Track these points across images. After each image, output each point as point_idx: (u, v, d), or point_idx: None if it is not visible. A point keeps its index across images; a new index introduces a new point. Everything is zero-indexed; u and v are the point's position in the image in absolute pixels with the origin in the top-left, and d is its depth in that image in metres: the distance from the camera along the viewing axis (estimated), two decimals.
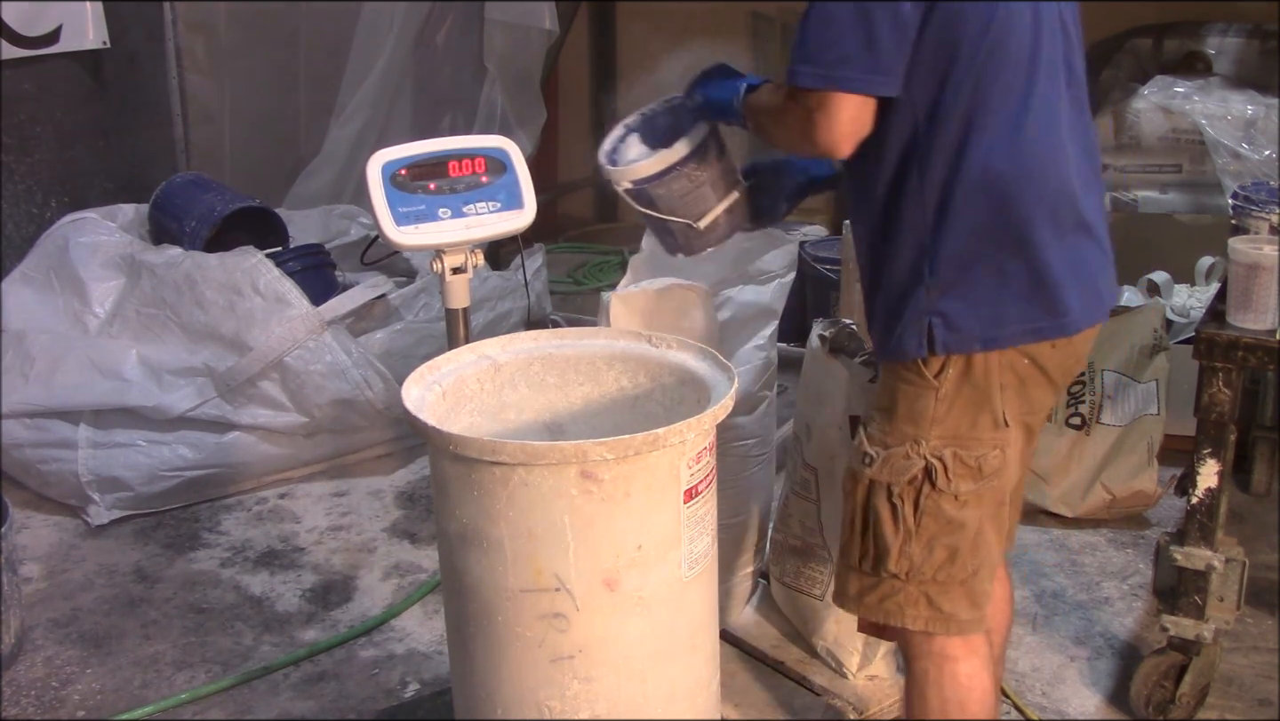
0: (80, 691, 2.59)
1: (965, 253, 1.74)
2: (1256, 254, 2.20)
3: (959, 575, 1.84)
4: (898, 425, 1.82)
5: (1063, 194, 1.77)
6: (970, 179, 1.72)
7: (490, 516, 1.69)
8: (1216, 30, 4.38)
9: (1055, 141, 1.77)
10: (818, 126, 1.69)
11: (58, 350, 3.33)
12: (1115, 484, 3.11)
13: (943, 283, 1.74)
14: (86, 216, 3.68)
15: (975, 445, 1.80)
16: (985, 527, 1.84)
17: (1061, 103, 1.79)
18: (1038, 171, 1.74)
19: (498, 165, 2.16)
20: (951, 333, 1.75)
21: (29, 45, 3.86)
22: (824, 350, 2.34)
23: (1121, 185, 4.17)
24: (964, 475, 1.80)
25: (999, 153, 1.71)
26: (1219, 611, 2.39)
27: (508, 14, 4.62)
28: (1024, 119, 1.73)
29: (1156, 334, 3.23)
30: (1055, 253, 1.75)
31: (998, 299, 1.75)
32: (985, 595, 1.88)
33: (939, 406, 1.78)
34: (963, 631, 1.87)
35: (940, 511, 1.81)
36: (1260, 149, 3.88)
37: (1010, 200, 1.72)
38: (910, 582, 1.85)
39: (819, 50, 1.68)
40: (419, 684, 2.59)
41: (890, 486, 1.82)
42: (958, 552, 1.83)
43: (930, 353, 1.76)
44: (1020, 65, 1.73)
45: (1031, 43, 1.74)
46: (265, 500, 3.39)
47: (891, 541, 1.83)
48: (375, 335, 3.53)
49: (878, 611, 1.89)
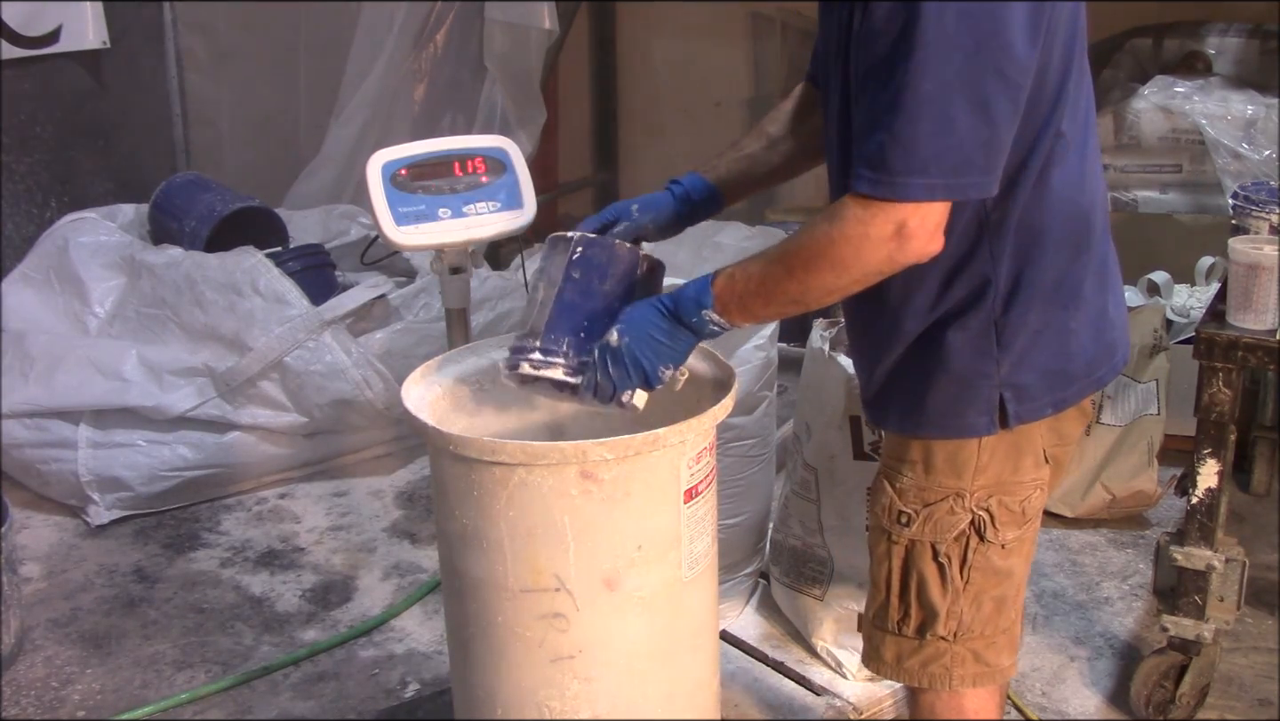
0: (80, 691, 2.59)
1: (1033, 320, 1.59)
2: (1256, 254, 2.20)
3: (1004, 624, 1.74)
4: (936, 479, 1.67)
5: (1099, 237, 1.66)
6: (1027, 240, 1.56)
7: (490, 516, 1.69)
8: (1216, 30, 4.38)
9: (1093, 189, 1.63)
10: (913, 237, 1.44)
11: (58, 350, 3.33)
12: (1115, 484, 3.11)
13: (1014, 356, 1.60)
14: (86, 216, 3.68)
15: (1019, 489, 1.68)
16: (1025, 571, 1.76)
17: (1093, 135, 1.65)
18: (1084, 222, 1.61)
19: (498, 165, 2.16)
20: (1024, 404, 1.62)
21: (29, 45, 3.86)
22: (824, 350, 2.34)
23: (1121, 185, 4.17)
24: (1010, 522, 1.68)
25: (1073, 187, 1.56)
26: (1219, 611, 2.39)
27: (508, 14, 4.62)
28: (1085, 148, 1.60)
29: (1156, 334, 3.23)
30: (1100, 302, 1.67)
31: (1066, 358, 1.64)
32: (1018, 634, 1.79)
33: (983, 455, 1.65)
34: (1005, 678, 1.78)
35: (989, 564, 1.69)
36: (1260, 149, 3.88)
37: (1081, 243, 1.60)
38: (958, 643, 1.73)
39: (936, 157, 1.40)
40: (419, 684, 2.59)
41: (935, 545, 1.68)
42: (1005, 602, 1.73)
43: (1003, 428, 1.62)
44: (1082, 85, 1.58)
45: (1078, 54, 1.57)
46: (265, 500, 3.39)
47: (940, 603, 1.70)
48: (375, 335, 3.53)
49: (921, 676, 1.76)
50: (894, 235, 1.44)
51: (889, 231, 1.44)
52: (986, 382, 1.60)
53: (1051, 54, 1.49)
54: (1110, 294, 1.72)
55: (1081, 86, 1.59)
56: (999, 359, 1.60)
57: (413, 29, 4.70)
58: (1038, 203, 1.55)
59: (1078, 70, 1.57)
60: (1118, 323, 1.73)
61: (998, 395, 1.61)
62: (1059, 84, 1.52)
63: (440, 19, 4.72)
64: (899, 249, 1.45)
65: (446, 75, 4.80)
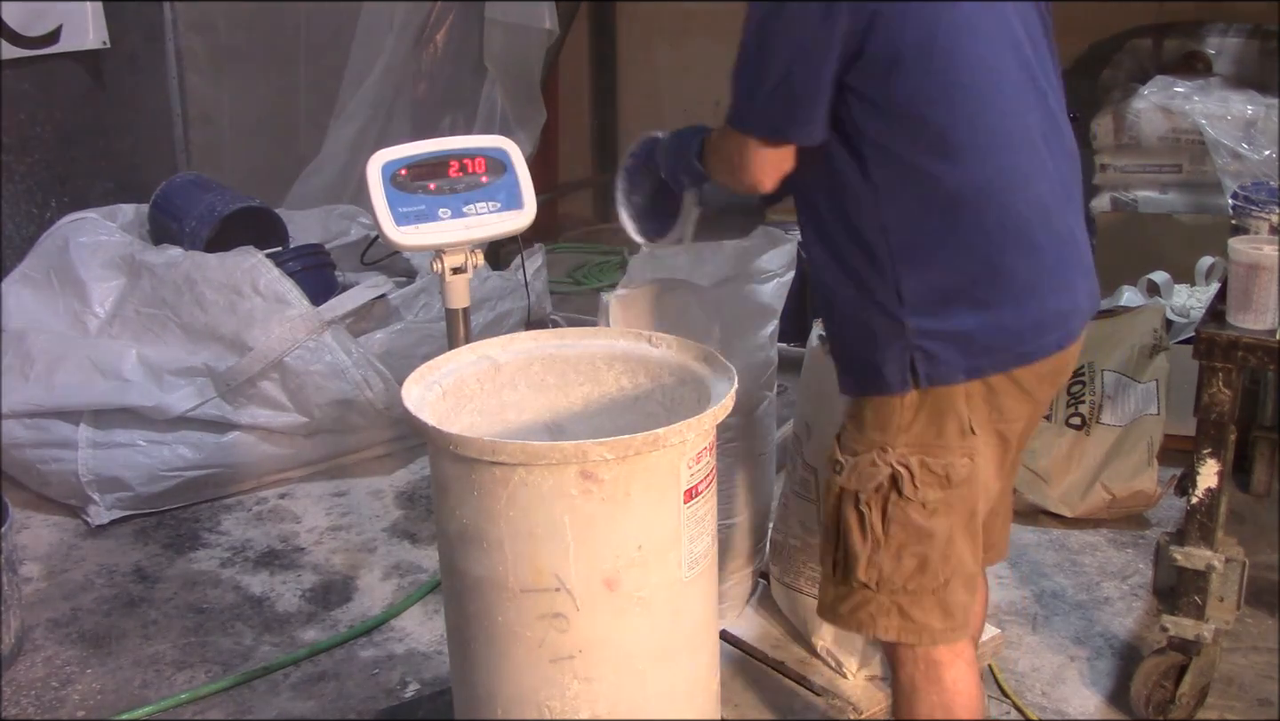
0: (80, 691, 2.59)
1: (939, 286, 1.72)
2: (1256, 254, 2.20)
3: (930, 585, 1.82)
4: (866, 433, 1.81)
5: (1037, 210, 1.74)
6: (931, 211, 1.71)
7: (490, 516, 1.69)
8: (1216, 30, 4.39)
9: (1026, 156, 1.74)
10: (744, 165, 1.79)
11: (58, 350, 3.33)
12: (1115, 484, 3.11)
13: (920, 315, 1.73)
14: (86, 216, 3.68)
15: (942, 453, 1.77)
16: (956, 537, 1.82)
17: (1032, 111, 1.76)
18: (1004, 193, 1.72)
19: (498, 165, 2.16)
20: (936, 367, 1.74)
21: (29, 45, 3.86)
22: (824, 350, 2.34)
23: (1121, 185, 4.17)
24: (931, 483, 1.78)
25: (960, 177, 1.70)
26: (1219, 611, 2.39)
27: (508, 14, 4.62)
28: (986, 137, 1.71)
29: (1156, 334, 3.23)
30: (1032, 279, 1.74)
31: (979, 330, 1.73)
32: (960, 606, 1.85)
33: (905, 414, 1.77)
34: (935, 641, 1.85)
35: (908, 520, 1.79)
36: (1260, 149, 3.89)
37: (977, 227, 1.71)
38: (881, 592, 1.83)
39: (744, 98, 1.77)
40: (419, 684, 2.59)
41: (858, 494, 1.81)
42: (928, 562, 1.81)
43: (915, 387, 1.74)
44: (978, 76, 1.70)
45: (992, 49, 1.72)
46: (265, 500, 3.39)
47: (860, 550, 1.82)
48: (375, 335, 3.53)
49: (850, 621, 1.88)
50: (738, 152, 1.79)
51: (734, 146, 1.80)
52: (898, 343, 1.74)
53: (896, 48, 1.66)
54: (1047, 275, 1.77)
55: (1000, 84, 1.72)
56: (904, 321, 1.73)
57: (413, 29, 4.70)
58: (917, 185, 1.71)
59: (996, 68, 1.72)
60: (1053, 304, 1.78)
61: (908, 356, 1.74)
62: (922, 78, 1.67)
63: (440, 19, 4.73)
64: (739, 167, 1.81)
65: (446, 75, 4.81)
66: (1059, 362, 1.83)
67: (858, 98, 1.69)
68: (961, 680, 1.86)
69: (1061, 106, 1.85)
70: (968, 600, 1.87)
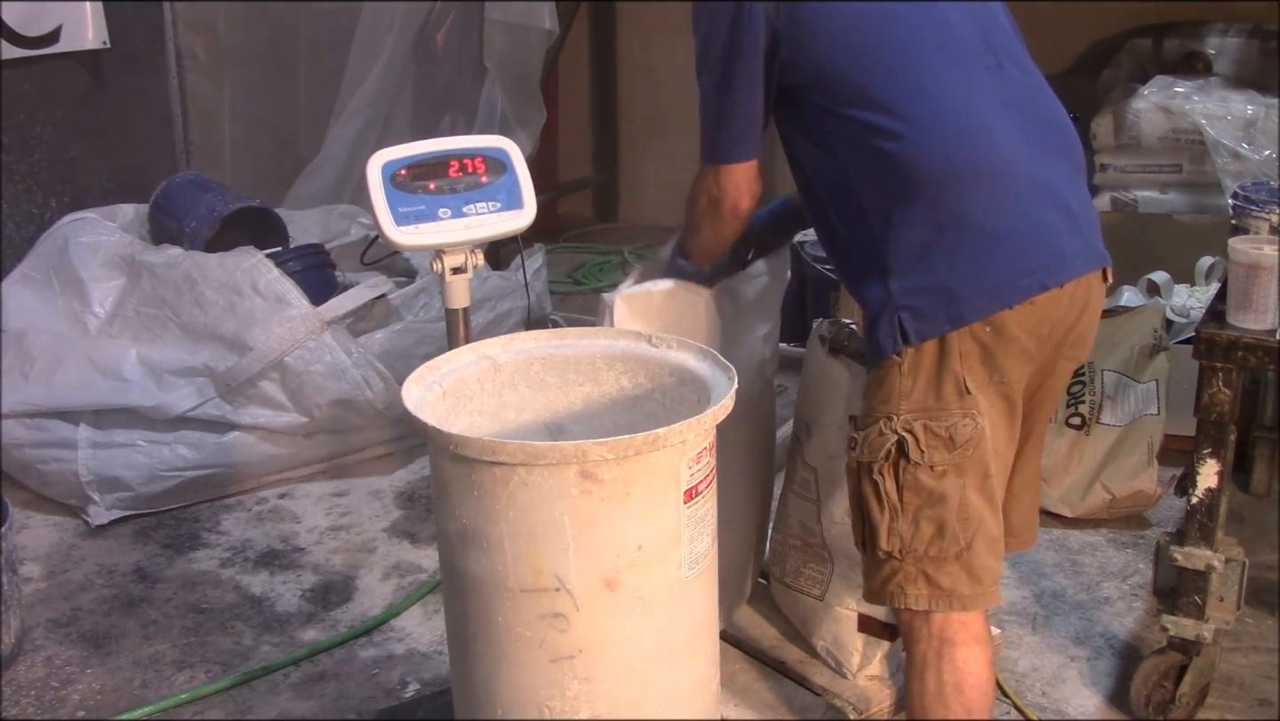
0: (80, 691, 2.59)
1: (912, 244, 1.83)
2: (1256, 254, 2.20)
3: (952, 549, 1.87)
4: (872, 404, 1.89)
5: (1000, 164, 1.82)
6: (892, 179, 1.83)
7: (490, 516, 1.69)
8: (1216, 30, 4.39)
9: (976, 119, 1.84)
10: (723, 193, 2.03)
11: (58, 350, 3.33)
12: (1115, 484, 3.11)
13: (901, 277, 1.83)
14: (86, 216, 3.68)
15: (944, 415, 1.84)
16: (971, 499, 1.86)
17: (980, 78, 1.88)
18: (958, 153, 1.81)
19: (498, 165, 2.16)
20: (921, 322, 1.82)
21: (29, 45, 3.86)
22: (824, 350, 2.34)
23: (1121, 185, 4.17)
24: (936, 445, 1.84)
25: (911, 147, 1.82)
26: (1219, 611, 2.39)
27: (508, 14, 4.62)
28: (930, 107, 1.83)
29: (1156, 334, 3.23)
30: (1001, 222, 1.82)
31: (953, 279, 1.81)
32: (986, 570, 1.90)
33: (904, 381, 1.84)
34: (965, 607, 1.89)
35: (919, 484, 1.85)
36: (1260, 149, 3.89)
37: (934, 187, 1.81)
38: (906, 561, 1.88)
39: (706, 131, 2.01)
40: (419, 684, 2.59)
41: (870, 465, 1.88)
42: (945, 525, 1.86)
43: (906, 345, 1.83)
44: (911, 55, 1.86)
45: (926, 29, 1.87)
46: (265, 500, 3.39)
47: (879, 520, 1.88)
48: (375, 335, 3.53)
49: (883, 595, 1.93)
50: (715, 185, 2.03)
51: (711, 181, 2.03)
52: (887, 305, 1.85)
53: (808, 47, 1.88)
54: (1025, 218, 1.84)
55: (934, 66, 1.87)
56: (888, 283, 1.84)
57: (413, 29, 4.70)
58: (874, 156, 1.85)
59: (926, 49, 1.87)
60: (1034, 250, 1.84)
61: (896, 317, 1.84)
62: (851, 65, 1.86)
63: (440, 19, 4.73)
64: (719, 199, 2.04)
65: (446, 75, 4.81)
66: (1042, 310, 1.85)
67: (799, 93, 1.91)
68: (973, 660, 1.90)
69: (1026, 72, 1.96)
70: (994, 564, 1.91)
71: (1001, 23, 1.99)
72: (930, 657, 1.91)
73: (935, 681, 1.90)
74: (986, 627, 1.95)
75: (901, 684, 2.37)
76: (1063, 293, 1.86)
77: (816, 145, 1.93)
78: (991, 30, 1.95)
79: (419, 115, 4.75)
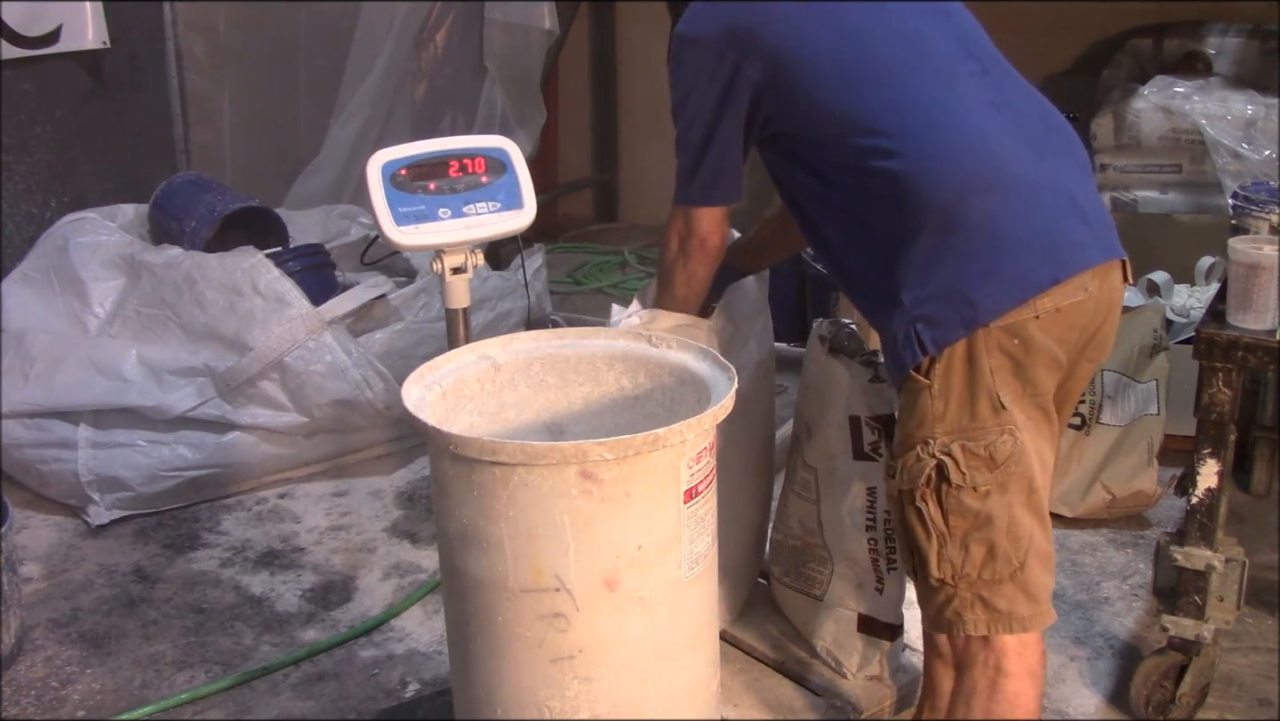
0: (80, 691, 2.59)
1: (920, 254, 1.81)
2: (1256, 254, 2.20)
3: (1005, 570, 1.83)
4: (907, 429, 1.85)
5: (999, 166, 1.81)
6: (893, 196, 1.82)
7: (490, 516, 1.69)
8: (1216, 30, 4.39)
9: (970, 124, 1.83)
10: (693, 230, 2.06)
11: (58, 350, 3.33)
12: (1115, 484, 3.11)
13: (912, 288, 1.81)
14: (86, 216, 3.68)
15: (981, 434, 1.80)
16: (1019, 516, 1.82)
17: (967, 85, 1.87)
18: (956, 160, 1.80)
19: (498, 165, 2.16)
20: (936, 329, 1.79)
21: (29, 45, 3.86)
22: (824, 350, 2.34)
23: (1121, 185, 4.18)
24: (977, 466, 1.80)
25: (909, 162, 1.81)
26: (1219, 611, 2.39)
27: (508, 14, 4.62)
28: (921, 120, 1.83)
29: (1156, 334, 3.23)
30: (1007, 222, 1.79)
31: (963, 281, 1.78)
32: (1042, 587, 1.86)
33: (935, 403, 1.81)
34: (1026, 627, 1.85)
35: (964, 507, 1.81)
36: (1260, 149, 3.89)
37: (936, 196, 1.79)
38: (960, 586, 1.84)
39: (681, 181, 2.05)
40: (419, 684, 2.59)
41: (912, 492, 1.84)
42: (996, 547, 1.82)
43: (924, 354, 1.80)
44: (896, 75, 1.86)
45: (905, 48, 1.88)
46: (265, 500, 3.39)
47: (927, 547, 1.84)
48: (375, 335, 3.53)
49: (941, 623, 1.89)
50: (684, 224, 2.07)
51: (683, 220, 2.07)
52: (902, 318, 1.82)
53: (795, 93, 1.90)
54: (1028, 215, 1.81)
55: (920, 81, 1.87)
56: (901, 296, 1.82)
57: (413, 29, 4.70)
58: (864, 173, 1.86)
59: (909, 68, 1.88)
60: (1041, 245, 1.80)
61: (913, 329, 1.81)
62: (836, 100, 1.87)
63: (440, 19, 4.73)
64: (689, 236, 2.08)
65: (446, 75, 4.81)
66: (1076, 320, 1.81)
67: (785, 136, 1.94)
68: (1023, 695, 1.86)
69: (1011, 75, 1.96)
70: (1049, 580, 1.88)
71: (978, 28, 1.99)
72: (982, 685, 1.87)
73: (982, 711, 1.87)
74: (1043, 660, 1.90)
75: (902, 683, 2.37)
76: (1088, 298, 1.82)
77: (810, 173, 1.94)
78: (971, 37, 1.96)
79: (419, 115, 4.75)
